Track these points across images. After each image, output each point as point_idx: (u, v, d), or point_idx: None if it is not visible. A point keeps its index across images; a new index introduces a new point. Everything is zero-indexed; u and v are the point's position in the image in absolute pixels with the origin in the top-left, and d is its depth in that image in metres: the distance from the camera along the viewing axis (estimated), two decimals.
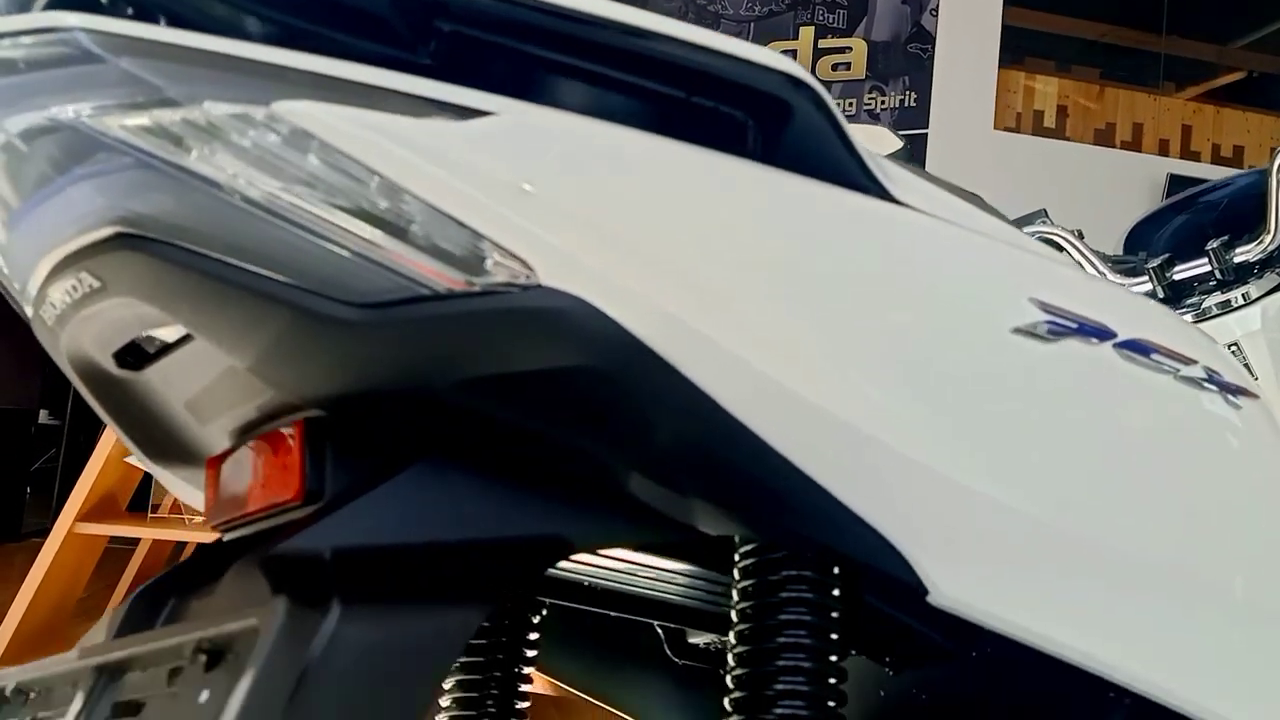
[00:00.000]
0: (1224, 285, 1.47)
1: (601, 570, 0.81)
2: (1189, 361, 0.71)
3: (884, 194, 0.62)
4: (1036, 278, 0.67)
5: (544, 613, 0.85)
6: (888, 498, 0.60)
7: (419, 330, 0.51)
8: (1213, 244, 1.48)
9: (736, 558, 0.66)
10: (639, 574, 0.82)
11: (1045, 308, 0.65)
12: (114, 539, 2.92)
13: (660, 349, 0.53)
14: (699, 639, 0.96)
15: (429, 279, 0.51)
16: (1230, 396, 0.73)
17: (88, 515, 2.81)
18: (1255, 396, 0.76)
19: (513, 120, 0.52)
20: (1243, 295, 1.45)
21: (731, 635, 0.65)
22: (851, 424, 0.58)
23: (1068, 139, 5.87)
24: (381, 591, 0.52)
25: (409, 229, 0.50)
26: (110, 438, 3.09)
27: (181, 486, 0.71)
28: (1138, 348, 0.68)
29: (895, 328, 0.61)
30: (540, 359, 0.52)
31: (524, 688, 0.83)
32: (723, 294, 0.56)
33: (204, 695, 0.45)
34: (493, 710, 0.81)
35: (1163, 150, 5.93)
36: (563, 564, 0.78)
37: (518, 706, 0.83)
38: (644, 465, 0.57)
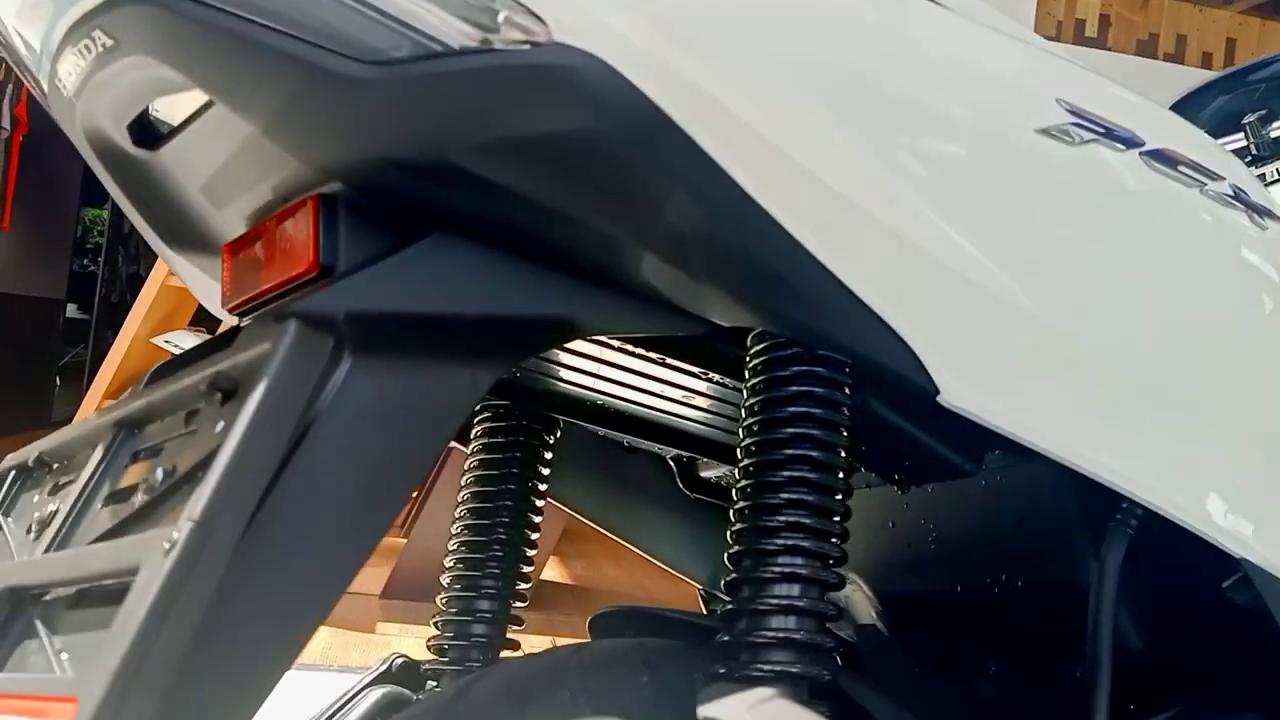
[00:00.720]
0: (1258, 160, 1.44)
1: (618, 391, 0.81)
2: (1216, 177, 0.70)
3: None
4: (1064, 80, 0.65)
5: (559, 433, 0.86)
6: (902, 293, 0.59)
7: (431, 89, 0.51)
8: (1249, 118, 1.44)
9: (748, 358, 0.66)
10: (655, 400, 0.82)
11: (1072, 110, 0.64)
12: None
13: (677, 117, 0.52)
14: (710, 472, 0.97)
15: (442, 35, 0.50)
16: (1256, 216, 0.71)
17: (113, 396, 2.86)
18: None
19: None
20: (1276, 170, 1.41)
21: (740, 433, 0.65)
22: (871, 214, 0.58)
23: (1109, 49, 5.71)
24: (392, 351, 0.52)
25: None
26: (135, 324, 3.13)
27: (198, 279, 0.72)
28: (1165, 158, 0.67)
29: (917, 120, 0.60)
30: (551, 120, 0.51)
31: (538, 505, 0.84)
32: (746, 70, 0.54)
33: (219, 426, 0.46)
34: (506, 522, 0.82)
35: (1206, 63, 5.76)
36: (580, 380, 0.79)
37: (531, 525, 0.84)
38: (656, 245, 0.57)
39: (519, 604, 0.82)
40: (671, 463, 0.98)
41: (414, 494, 4.23)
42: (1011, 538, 0.83)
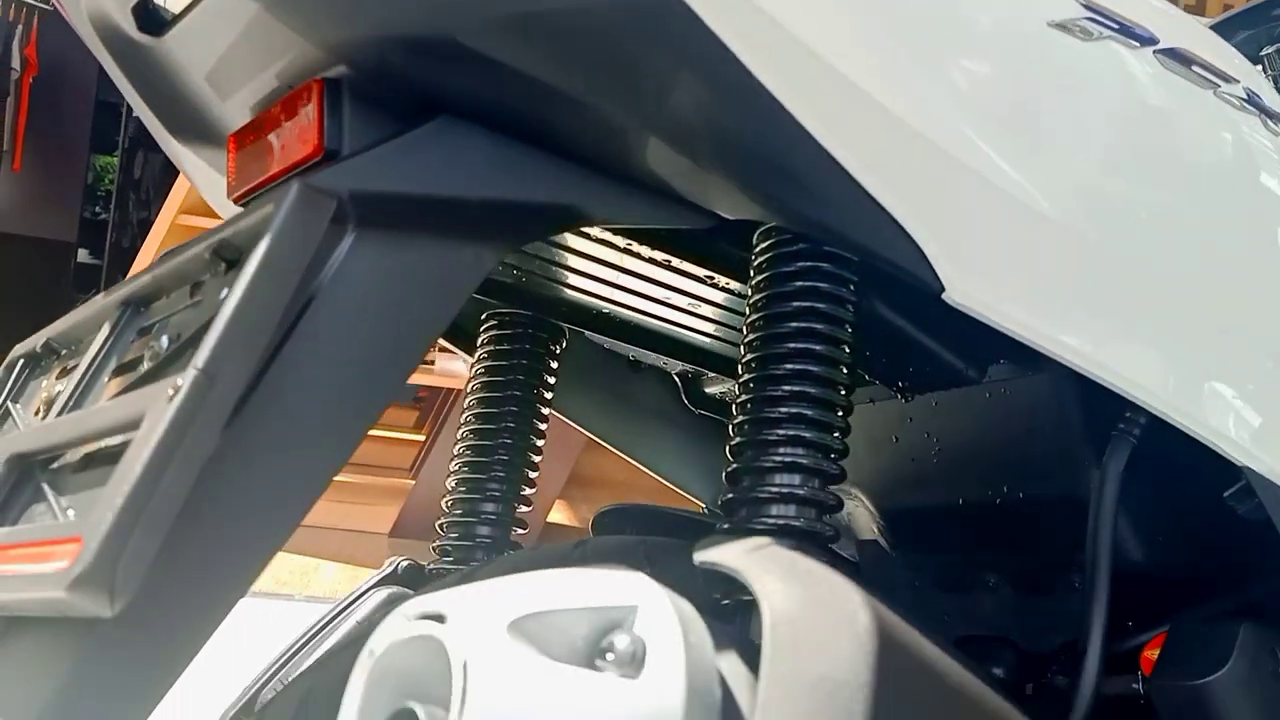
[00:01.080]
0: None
1: (624, 299, 0.81)
2: (1231, 80, 0.69)
3: None
4: None
5: (565, 343, 0.86)
6: (909, 186, 0.59)
7: None
8: (1268, 50, 1.42)
9: (753, 257, 0.66)
10: (660, 308, 0.82)
11: (1087, 4, 0.63)
12: None
13: None
14: (715, 388, 0.97)
15: None
16: (1269, 122, 0.71)
17: None
18: None
19: None
20: None
21: (743, 330, 0.65)
22: (880, 104, 0.57)
23: None
24: (396, 229, 0.52)
25: None
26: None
27: (203, 172, 0.72)
28: (1179, 57, 0.66)
29: (929, 9, 0.59)
30: None
31: (543, 413, 0.85)
32: None
33: (223, 293, 0.46)
34: (511, 427, 0.82)
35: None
36: (587, 286, 0.79)
37: (536, 432, 0.84)
38: (663, 131, 0.56)
39: (523, 508, 0.83)
40: (676, 379, 0.98)
41: (423, 437, 4.25)
42: (1014, 450, 0.83)
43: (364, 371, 0.50)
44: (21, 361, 0.67)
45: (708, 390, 0.98)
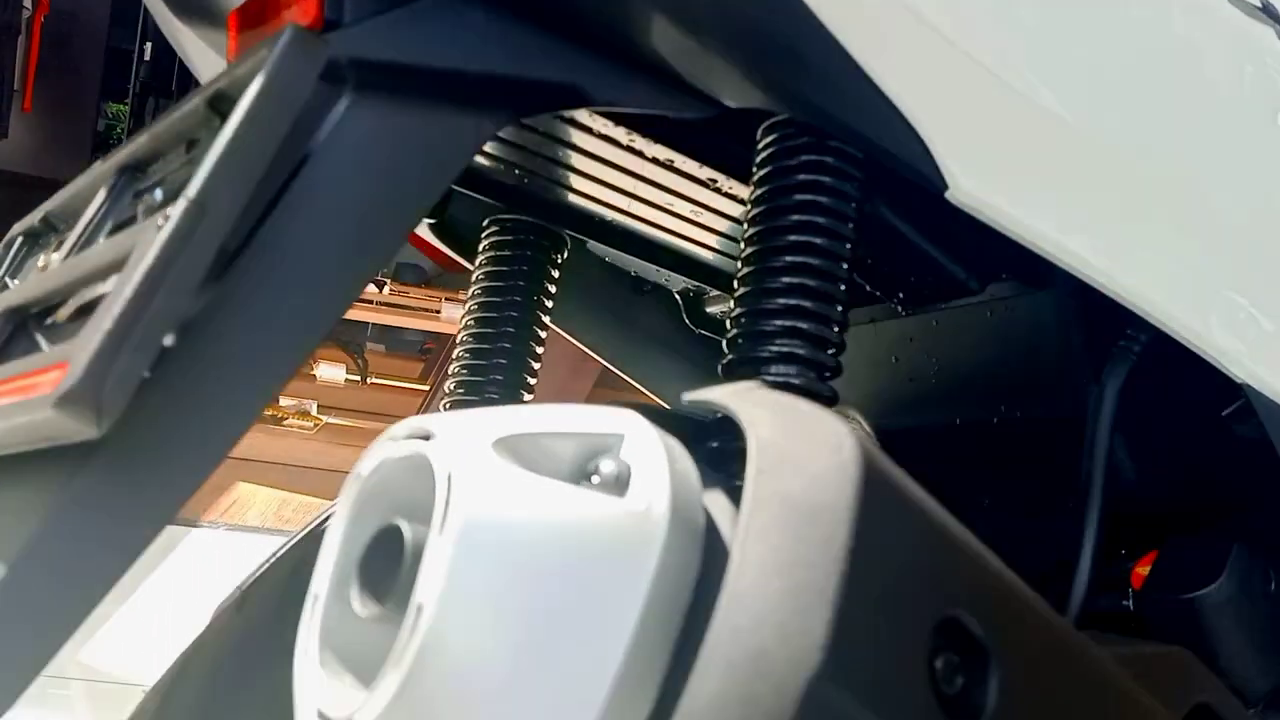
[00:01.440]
0: None
1: (626, 205, 0.81)
2: None
3: None
4: None
5: (566, 253, 0.86)
6: (915, 78, 0.58)
7: None
8: None
9: (757, 151, 0.65)
10: (663, 216, 0.82)
11: None
12: None
13: None
14: (717, 308, 0.97)
15: None
16: None
17: None
18: None
19: None
20: None
21: (744, 225, 0.64)
22: None
23: None
24: (394, 95, 0.52)
25: None
26: None
27: (202, 54, 0.71)
28: None
29: None
30: None
31: (544, 320, 0.85)
32: None
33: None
34: (511, 333, 0.82)
35: None
36: (589, 190, 0.78)
37: (537, 339, 0.84)
38: (665, 9, 0.56)
39: None
40: (678, 298, 0.98)
41: (428, 388, 4.26)
42: (1013, 369, 0.82)
43: (359, 231, 0.49)
44: (20, 238, 0.67)
45: (709, 310, 0.98)
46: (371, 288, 4.65)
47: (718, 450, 0.43)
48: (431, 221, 0.86)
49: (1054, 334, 0.79)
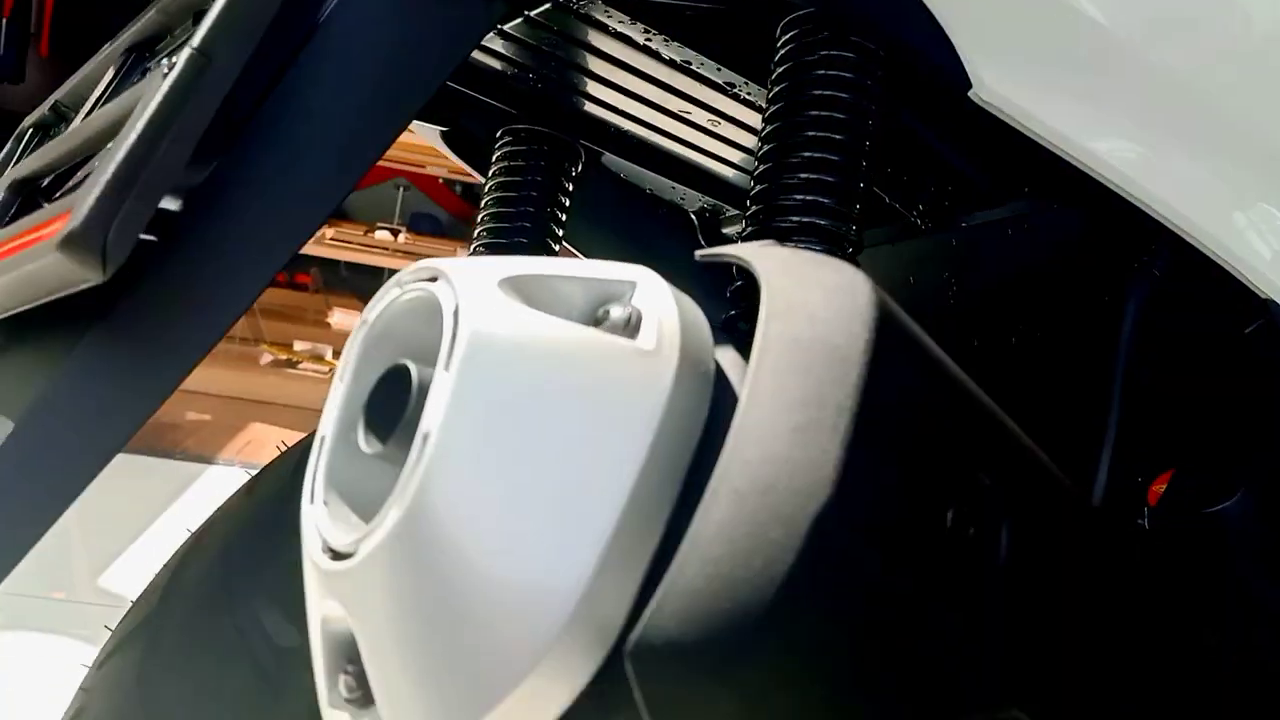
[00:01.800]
0: None
1: (642, 114, 0.79)
2: None
3: None
4: None
5: (580, 168, 0.85)
6: None
7: None
8: None
9: (777, 49, 0.64)
10: (679, 127, 0.80)
11: None
12: None
13: None
14: (733, 228, 0.96)
15: None
16: None
17: None
18: None
19: None
20: None
21: (761, 125, 0.63)
22: None
23: None
24: None
25: None
26: None
27: None
28: None
29: None
30: None
31: (558, 233, 0.84)
32: None
33: None
34: (523, 244, 0.81)
35: None
36: (603, 96, 0.77)
37: (549, 253, 0.83)
38: None
39: None
40: (694, 217, 0.97)
41: None
42: (1032, 288, 0.81)
43: (366, 105, 0.49)
44: (31, 130, 0.66)
45: (725, 231, 0.97)
46: (388, 236, 4.64)
47: (732, 320, 0.42)
48: (444, 130, 0.85)
49: (1074, 252, 0.78)
